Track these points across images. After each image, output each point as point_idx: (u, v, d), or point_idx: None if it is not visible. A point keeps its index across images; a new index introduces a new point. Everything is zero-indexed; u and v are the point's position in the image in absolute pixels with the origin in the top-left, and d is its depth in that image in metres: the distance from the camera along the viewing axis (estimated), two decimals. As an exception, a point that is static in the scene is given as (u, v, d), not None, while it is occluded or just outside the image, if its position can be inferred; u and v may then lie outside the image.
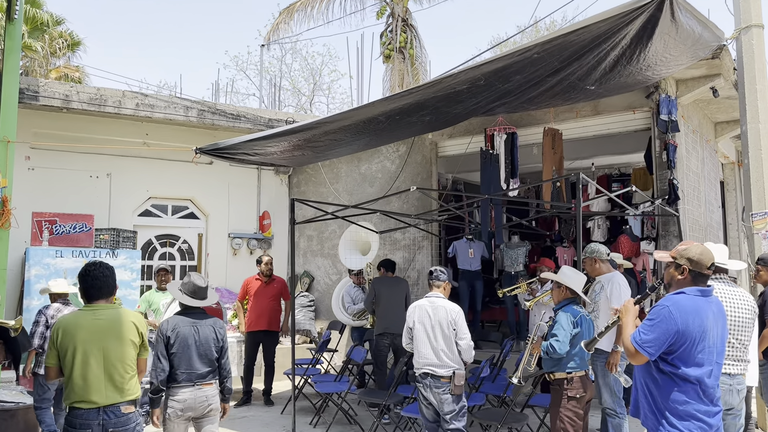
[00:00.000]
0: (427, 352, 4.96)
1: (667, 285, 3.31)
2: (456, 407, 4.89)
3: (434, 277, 5.17)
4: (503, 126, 8.37)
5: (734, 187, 11.27)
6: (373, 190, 9.92)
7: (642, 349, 3.06)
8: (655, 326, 3.07)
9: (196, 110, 9.51)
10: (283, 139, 6.31)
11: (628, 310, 3.31)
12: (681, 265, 3.21)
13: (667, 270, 3.30)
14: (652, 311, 3.13)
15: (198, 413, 4.38)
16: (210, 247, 10.36)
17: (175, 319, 4.43)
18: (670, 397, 3.09)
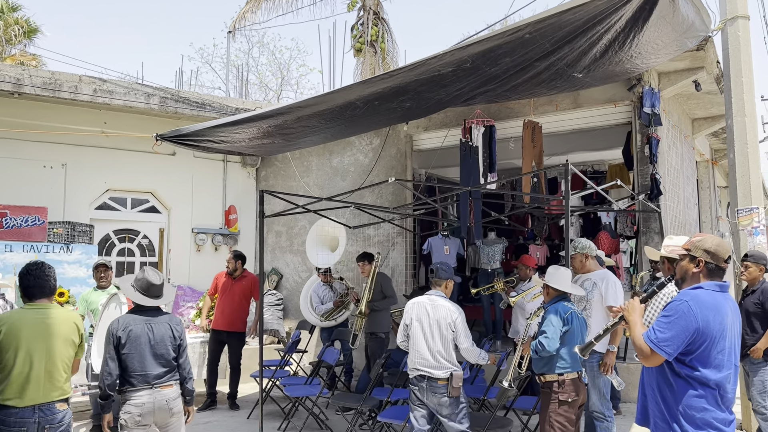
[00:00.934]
0: (424, 353, 4.67)
1: (679, 280, 3.02)
2: (455, 409, 4.60)
3: (435, 274, 4.89)
4: (481, 118, 8.08)
5: (708, 185, 11.23)
6: (345, 184, 9.54)
7: (659, 349, 2.77)
8: (673, 323, 2.78)
9: (158, 97, 8.99)
10: (253, 125, 5.89)
11: (634, 308, 3.01)
12: (696, 257, 2.93)
13: (680, 264, 3.02)
14: (669, 307, 2.85)
15: (161, 419, 4.08)
16: (172, 243, 9.84)
17: (126, 317, 4.15)
18: (687, 403, 2.80)
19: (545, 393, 4.33)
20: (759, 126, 7.25)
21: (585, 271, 5.33)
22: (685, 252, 2.98)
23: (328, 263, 8.13)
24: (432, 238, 8.99)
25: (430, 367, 4.63)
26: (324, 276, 8.41)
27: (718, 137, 10.76)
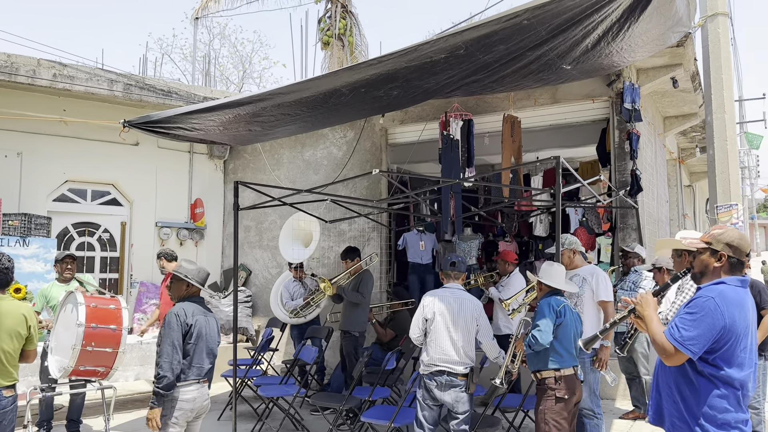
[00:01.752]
0: (447, 348, 4.52)
1: (698, 274, 2.89)
2: (468, 408, 4.48)
3: (456, 267, 4.78)
4: (459, 112, 7.94)
5: (675, 183, 11.37)
6: (318, 178, 9.28)
7: (684, 348, 2.63)
8: (699, 321, 2.64)
9: (122, 84, 8.56)
10: (230, 112, 5.59)
11: (648, 303, 2.86)
12: (719, 251, 2.80)
13: (699, 258, 2.88)
14: (693, 303, 2.71)
15: (196, 416, 4.12)
16: (134, 237, 9.41)
17: (189, 306, 4.06)
18: (710, 403, 2.67)
19: (541, 390, 4.20)
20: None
21: (572, 267, 5.22)
22: (705, 245, 2.85)
23: (301, 258, 7.86)
24: (407, 234, 8.83)
25: (453, 363, 4.50)
26: (296, 272, 8.14)
27: (686, 136, 10.90)
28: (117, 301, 5.70)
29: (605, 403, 7.08)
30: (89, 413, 6.71)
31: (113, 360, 5.61)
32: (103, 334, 5.44)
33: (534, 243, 11.60)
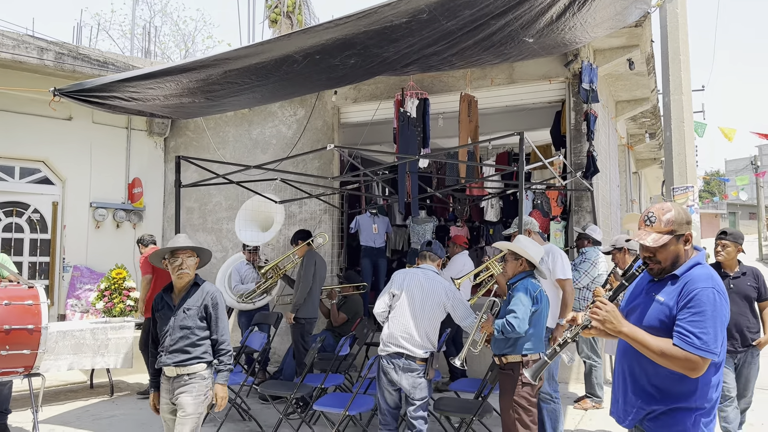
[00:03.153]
0: (409, 328, 4.21)
1: (669, 266, 2.51)
2: (427, 394, 4.19)
3: (431, 248, 4.53)
4: (415, 91, 7.69)
5: (625, 168, 11.45)
6: (266, 158, 8.85)
7: (711, 353, 2.30)
8: (711, 318, 2.33)
9: (53, 53, 7.91)
10: (172, 79, 5.14)
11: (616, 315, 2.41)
12: (684, 234, 2.50)
13: (667, 249, 2.49)
14: (697, 300, 2.35)
15: None
16: (67, 218, 8.78)
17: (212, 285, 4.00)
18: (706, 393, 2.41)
19: (506, 375, 4.00)
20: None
21: None
22: (670, 234, 2.49)
23: (261, 242, 7.45)
24: (360, 216, 8.53)
25: (413, 345, 4.19)
26: (249, 254, 7.70)
27: (636, 122, 10.97)
28: (35, 294, 5.22)
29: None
30: (18, 405, 6.20)
31: (33, 360, 5.17)
32: (18, 335, 4.99)
33: (485, 228, 11.53)
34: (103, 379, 7.31)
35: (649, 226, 2.51)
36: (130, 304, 7.26)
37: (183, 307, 3.76)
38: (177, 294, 3.86)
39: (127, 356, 6.96)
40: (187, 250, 3.84)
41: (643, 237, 2.50)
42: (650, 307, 2.49)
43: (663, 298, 2.45)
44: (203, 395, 3.71)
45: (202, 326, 3.77)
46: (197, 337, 3.73)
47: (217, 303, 3.82)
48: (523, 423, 3.90)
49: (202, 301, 3.78)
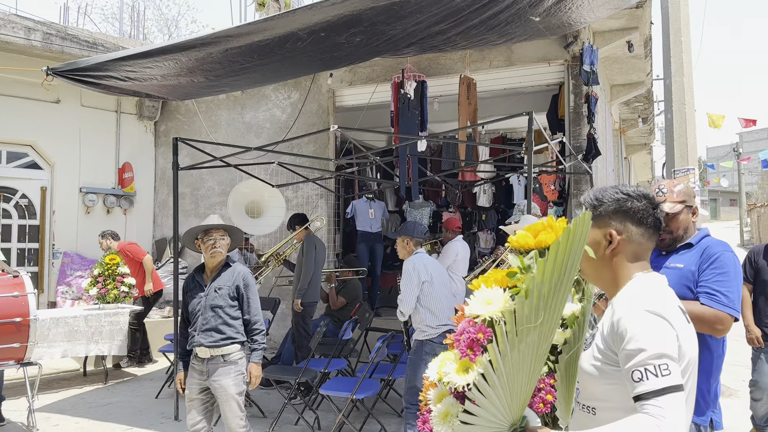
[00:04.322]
0: (450, 306, 4.39)
1: (681, 236, 2.57)
2: None
3: (426, 235, 4.79)
4: (413, 73, 7.58)
5: (617, 153, 11.46)
6: (259, 142, 8.69)
7: (736, 312, 2.35)
8: (734, 279, 2.39)
9: (41, 33, 7.69)
10: (171, 58, 4.99)
11: None
12: (692, 205, 2.62)
13: (678, 218, 2.56)
14: (720, 261, 2.41)
15: None
16: (56, 204, 8.59)
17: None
18: (719, 367, 2.45)
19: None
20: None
21: None
22: (682, 204, 2.57)
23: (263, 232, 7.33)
24: (356, 201, 8.44)
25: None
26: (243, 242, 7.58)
27: (629, 106, 10.97)
28: (21, 285, 5.10)
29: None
30: (11, 393, 6.07)
31: (23, 353, 5.06)
32: (5, 329, 4.87)
33: (477, 214, 11.51)
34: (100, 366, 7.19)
35: (662, 197, 2.58)
36: (124, 290, 7.11)
37: (214, 286, 3.78)
38: (208, 274, 3.88)
39: (122, 343, 6.83)
40: (220, 230, 3.89)
41: (663, 205, 2.51)
42: (673, 275, 2.49)
43: (682, 265, 2.50)
44: (241, 375, 3.76)
45: (234, 306, 3.78)
46: (229, 317, 3.74)
47: (248, 283, 3.85)
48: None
49: (234, 281, 3.80)
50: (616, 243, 1.70)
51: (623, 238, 1.71)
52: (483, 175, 10.00)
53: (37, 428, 5.25)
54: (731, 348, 2.88)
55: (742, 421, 5.32)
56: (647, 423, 1.38)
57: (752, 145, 49.08)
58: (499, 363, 1.41)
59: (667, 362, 1.44)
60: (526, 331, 1.42)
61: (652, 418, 1.38)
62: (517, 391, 1.45)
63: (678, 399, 1.41)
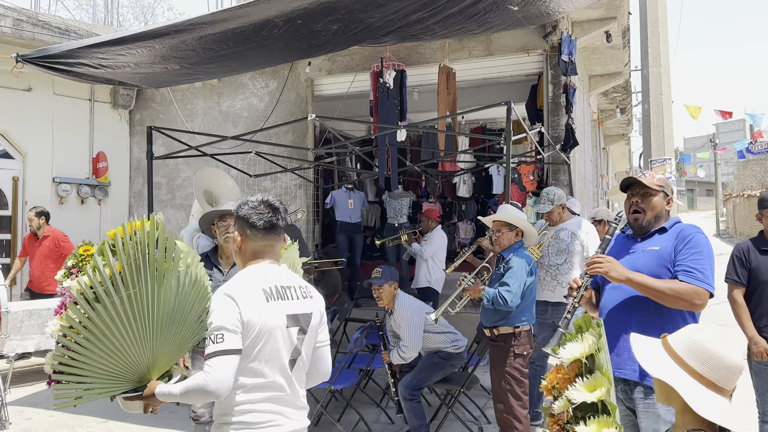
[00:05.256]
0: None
1: (653, 219, 2.74)
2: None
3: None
4: (392, 62, 7.53)
5: (595, 144, 11.52)
6: (237, 131, 8.59)
7: (712, 288, 2.52)
8: (707, 257, 2.55)
9: (11, 19, 7.49)
10: (144, 45, 4.89)
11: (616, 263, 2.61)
12: (668, 195, 2.79)
13: (653, 200, 2.74)
14: (694, 241, 2.59)
15: None
16: (29, 194, 8.41)
17: None
18: None
19: (498, 347, 3.96)
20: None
21: (561, 222, 5.01)
22: (659, 188, 2.76)
23: None
24: (335, 192, 8.39)
25: None
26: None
27: (607, 97, 11.02)
28: None
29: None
30: (-20, 389, 5.94)
31: None
32: None
33: (457, 204, 11.52)
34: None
35: (643, 177, 2.79)
36: (100, 282, 7.00)
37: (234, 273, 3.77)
38: (226, 260, 3.91)
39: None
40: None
41: (641, 177, 2.78)
42: (642, 259, 2.68)
43: (658, 247, 2.67)
44: None
45: None
46: None
47: None
48: (515, 394, 3.87)
49: None
50: (238, 242, 2.24)
51: (243, 237, 2.23)
52: (463, 165, 9.99)
53: (10, 422, 5.16)
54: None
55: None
56: (199, 376, 1.96)
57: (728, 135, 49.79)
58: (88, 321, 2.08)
59: (222, 333, 1.98)
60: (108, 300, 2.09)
61: (203, 374, 1.95)
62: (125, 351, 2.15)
63: (227, 360, 1.96)
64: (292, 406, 2.15)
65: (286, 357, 2.11)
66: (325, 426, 5.01)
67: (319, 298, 2.33)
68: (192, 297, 2.34)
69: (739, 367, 1.65)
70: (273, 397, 2.09)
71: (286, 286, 2.19)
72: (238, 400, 2.04)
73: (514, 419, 3.84)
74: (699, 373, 1.64)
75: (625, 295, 2.65)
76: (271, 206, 2.24)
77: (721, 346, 1.66)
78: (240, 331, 2.00)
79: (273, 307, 2.09)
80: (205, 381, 1.94)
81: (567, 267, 4.79)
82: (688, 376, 1.65)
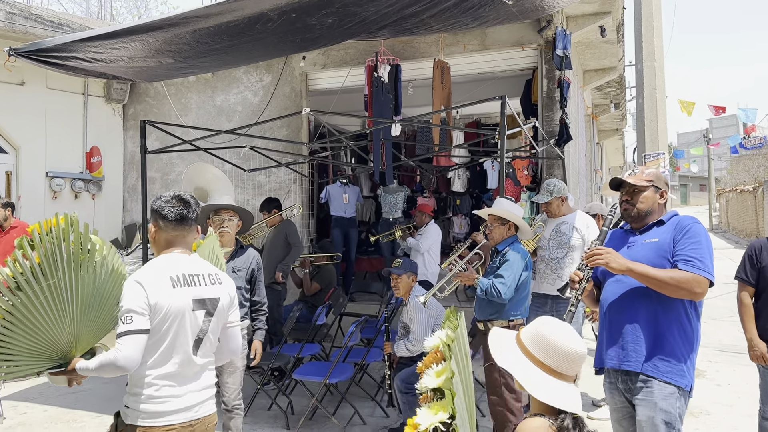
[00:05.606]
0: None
1: (645, 213, 2.80)
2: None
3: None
4: (386, 56, 7.53)
5: (589, 138, 11.54)
6: (231, 126, 8.57)
7: (712, 276, 2.56)
8: (706, 247, 2.61)
9: (3, 12, 7.44)
10: (138, 39, 4.87)
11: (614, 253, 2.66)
12: (660, 188, 2.83)
13: (644, 194, 2.80)
14: (693, 231, 2.64)
15: None
16: (22, 189, 8.38)
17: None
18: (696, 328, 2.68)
19: (491, 340, 3.97)
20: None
21: (561, 215, 5.01)
22: (647, 183, 2.81)
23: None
24: (330, 186, 8.39)
25: None
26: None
27: (601, 91, 11.03)
28: None
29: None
30: (-26, 384, 5.92)
31: None
32: None
33: (452, 199, 11.54)
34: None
35: (632, 176, 2.85)
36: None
37: (231, 266, 3.90)
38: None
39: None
40: (229, 210, 4.05)
41: (627, 177, 2.84)
42: (642, 251, 2.72)
43: (657, 239, 2.71)
44: (246, 351, 3.99)
45: (248, 288, 3.97)
46: (243, 298, 3.89)
47: (260, 267, 4.05)
48: (509, 387, 3.88)
49: (250, 264, 3.97)
50: (152, 233, 2.53)
51: (156, 229, 2.50)
52: (457, 160, 10.00)
53: (4, 416, 5.15)
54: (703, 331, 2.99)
55: (705, 399, 5.45)
56: (111, 353, 2.23)
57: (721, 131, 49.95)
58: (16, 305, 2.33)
59: (131, 315, 2.25)
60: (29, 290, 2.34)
61: (114, 351, 2.22)
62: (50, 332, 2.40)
63: (135, 339, 2.23)
64: (193, 382, 2.41)
65: (192, 337, 2.40)
66: (319, 419, 5.03)
67: (229, 283, 2.62)
68: (110, 284, 2.60)
69: (576, 353, 1.81)
70: (176, 374, 2.36)
71: (194, 273, 2.46)
72: (145, 375, 2.31)
73: (508, 412, 3.86)
74: (540, 360, 1.80)
75: (625, 288, 2.69)
76: (182, 200, 2.51)
77: (562, 336, 1.81)
78: (147, 314, 2.27)
79: (179, 293, 2.37)
80: (115, 357, 2.20)
81: (568, 261, 4.81)
82: (532, 365, 1.81)
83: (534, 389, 1.77)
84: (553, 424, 1.75)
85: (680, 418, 2.57)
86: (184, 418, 2.36)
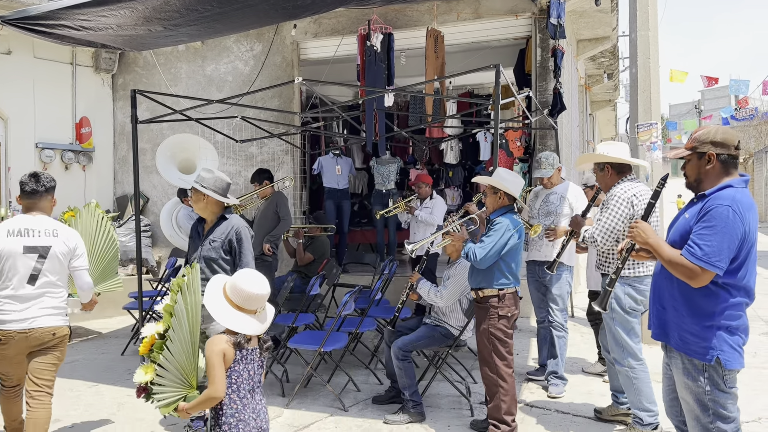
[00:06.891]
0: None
1: (694, 183, 2.69)
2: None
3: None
4: (379, 25, 7.44)
5: (582, 109, 11.53)
6: (221, 96, 8.50)
7: (710, 265, 2.44)
8: (719, 232, 2.45)
9: (-14, -21, 7.29)
10: (128, 6, 4.78)
11: (645, 229, 2.67)
12: (705, 152, 2.62)
13: (689, 165, 2.69)
14: (710, 215, 2.50)
15: None
16: (11, 160, 8.30)
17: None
18: (726, 312, 2.53)
19: (482, 308, 4.01)
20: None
21: (551, 186, 5.06)
22: (690, 151, 2.67)
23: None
24: (322, 158, 8.35)
25: None
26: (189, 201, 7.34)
27: (595, 62, 10.99)
28: None
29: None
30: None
31: None
32: None
33: (444, 170, 11.53)
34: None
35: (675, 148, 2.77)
36: (86, 248, 6.96)
37: (209, 238, 3.84)
38: (206, 226, 3.96)
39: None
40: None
41: (668, 152, 2.83)
42: (677, 225, 2.70)
43: (688, 215, 2.64)
44: None
45: (227, 259, 3.82)
46: (221, 269, 3.78)
47: (241, 238, 3.85)
48: (500, 354, 3.93)
49: (227, 235, 3.82)
50: (18, 200, 3.62)
51: (18, 198, 3.62)
52: (450, 131, 9.96)
53: None
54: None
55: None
56: None
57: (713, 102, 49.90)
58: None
59: None
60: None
61: None
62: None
63: None
64: (32, 302, 3.41)
65: (26, 273, 3.40)
66: (314, 387, 5.09)
67: (67, 236, 3.57)
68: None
69: (253, 294, 2.60)
70: (14, 296, 3.39)
71: (29, 228, 3.46)
72: None
73: (499, 378, 3.92)
74: (230, 298, 2.63)
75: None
76: (35, 176, 3.55)
77: (246, 282, 2.61)
78: None
79: (12, 240, 3.40)
80: None
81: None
82: (225, 302, 2.63)
83: (220, 318, 2.59)
84: (230, 339, 2.56)
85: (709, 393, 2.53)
86: (19, 327, 3.35)
